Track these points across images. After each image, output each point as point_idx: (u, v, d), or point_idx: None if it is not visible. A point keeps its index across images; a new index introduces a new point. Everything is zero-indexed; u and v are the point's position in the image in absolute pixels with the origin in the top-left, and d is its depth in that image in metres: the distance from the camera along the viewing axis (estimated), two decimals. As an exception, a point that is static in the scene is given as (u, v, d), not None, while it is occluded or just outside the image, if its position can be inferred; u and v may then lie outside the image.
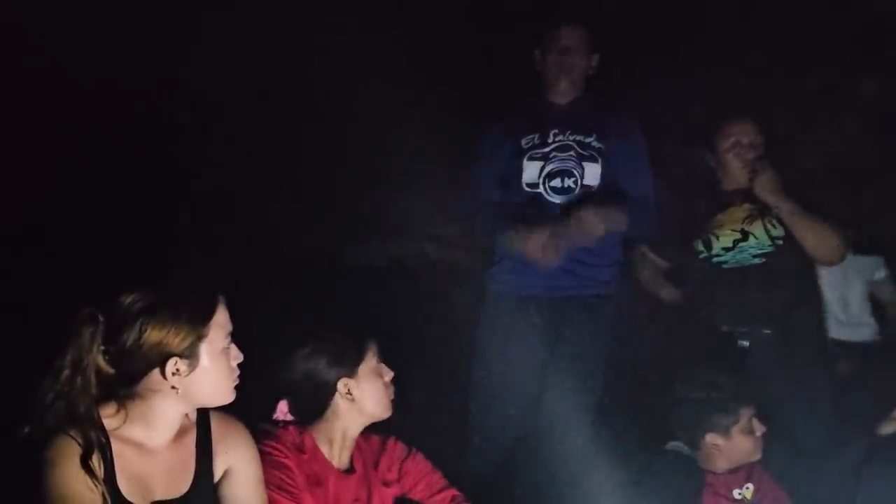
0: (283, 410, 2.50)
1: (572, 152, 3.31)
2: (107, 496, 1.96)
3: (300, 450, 2.41)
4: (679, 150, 3.75)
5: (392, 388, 2.52)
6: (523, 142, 3.34)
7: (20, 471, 1.94)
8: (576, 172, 3.29)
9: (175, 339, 1.98)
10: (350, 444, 2.49)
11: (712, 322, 3.33)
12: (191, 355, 2.00)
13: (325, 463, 2.44)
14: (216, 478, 2.15)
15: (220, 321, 2.04)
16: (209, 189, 3.63)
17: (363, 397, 2.45)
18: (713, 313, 3.33)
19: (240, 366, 2.10)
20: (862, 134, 4.08)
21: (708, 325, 3.34)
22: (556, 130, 3.34)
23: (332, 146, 3.87)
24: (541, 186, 3.31)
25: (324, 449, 2.45)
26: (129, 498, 2.00)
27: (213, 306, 2.03)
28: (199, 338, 2.00)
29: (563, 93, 3.39)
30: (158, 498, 2.05)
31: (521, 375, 3.27)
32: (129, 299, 1.97)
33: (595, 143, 3.33)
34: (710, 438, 2.84)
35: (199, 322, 2.00)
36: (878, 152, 4.03)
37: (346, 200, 3.86)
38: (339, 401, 2.45)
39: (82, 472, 1.92)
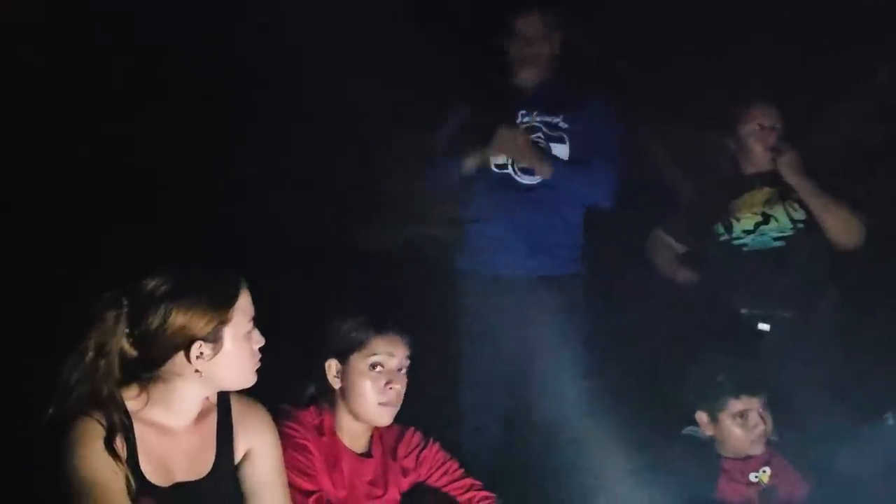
0: None
1: (540, 133, 3.34)
2: (129, 478, 1.97)
3: (319, 431, 2.43)
4: (699, 134, 3.75)
5: None
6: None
7: (44, 453, 1.95)
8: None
9: (199, 322, 1.99)
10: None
11: (731, 305, 3.34)
12: (214, 339, 2.01)
13: (341, 444, 2.46)
14: (237, 460, 2.16)
15: (243, 305, 2.05)
16: (225, 176, 3.65)
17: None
18: (732, 296, 3.34)
19: (260, 349, 2.11)
20: (877, 118, 4.07)
21: (727, 308, 3.34)
22: (524, 111, 3.36)
23: (349, 130, 3.87)
24: (510, 167, 3.34)
25: (343, 431, 2.47)
26: (150, 479, 2.01)
27: (236, 291, 2.04)
28: (223, 322, 2.01)
29: (529, 77, 3.40)
30: (180, 479, 2.06)
31: (503, 354, 3.31)
32: (153, 283, 1.99)
33: (562, 124, 3.36)
34: (699, 417, 2.86)
35: (222, 306, 2.01)
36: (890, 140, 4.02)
37: (363, 185, 3.87)
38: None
39: (105, 454, 1.94)
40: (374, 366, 2.45)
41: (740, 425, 2.82)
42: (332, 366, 2.47)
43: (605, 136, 3.40)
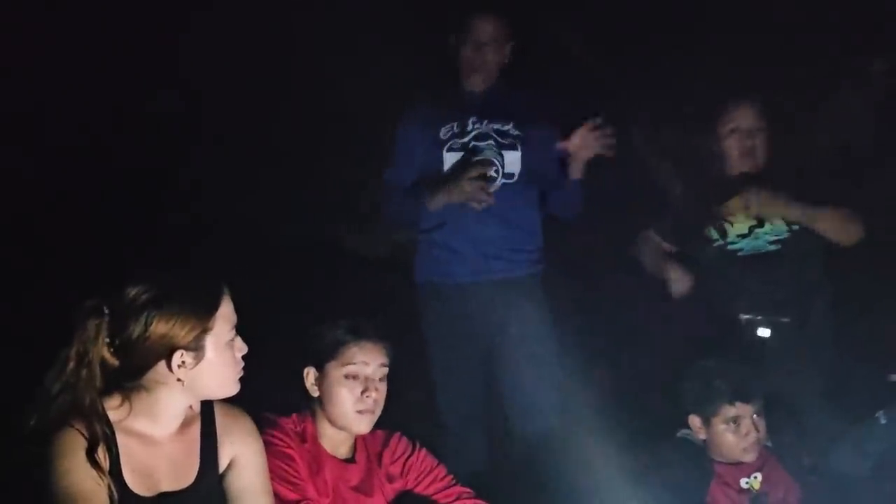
0: None
1: (492, 140, 3.32)
2: (112, 489, 1.95)
3: (302, 438, 2.41)
4: (686, 135, 3.73)
5: None
6: (442, 132, 3.33)
7: (26, 464, 1.93)
8: (496, 161, 3.29)
9: (181, 331, 1.97)
10: None
11: (729, 311, 3.32)
12: (196, 348, 1.99)
13: (323, 451, 2.44)
14: (221, 468, 2.14)
15: (226, 313, 2.03)
16: (210, 179, 3.63)
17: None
18: (730, 302, 3.31)
19: (243, 357, 2.09)
20: (867, 117, 4.07)
21: (724, 315, 3.32)
22: (474, 119, 3.34)
23: (335, 133, 3.86)
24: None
25: (325, 437, 2.45)
26: (134, 490, 1.99)
27: (218, 298, 2.02)
28: (205, 330, 1.99)
29: (479, 82, 3.37)
30: (164, 489, 2.04)
31: (472, 361, 3.31)
32: (134, 291, 1.96)
33: (513, 131, 3.33)
34: (692, 420, 2.85)
35: (204, 314, 1.99)
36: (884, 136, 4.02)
37: (349, 189, 3.86)
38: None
39: (87, 464, 1.92)
40: (349, 374, 2.43)
41: (733, 431, 2.81)
42: (309, 373, 2.46)
43: (556, 141, 3.36)
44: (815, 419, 3.16)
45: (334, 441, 2.47)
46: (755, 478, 2.86)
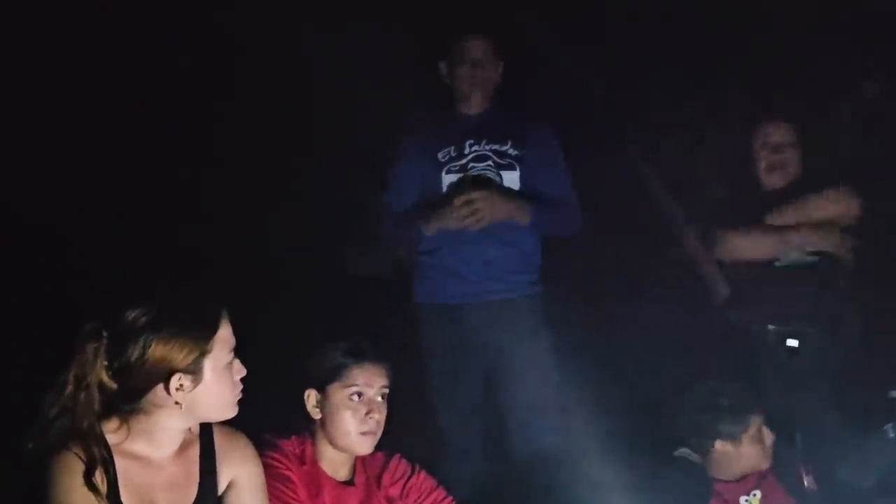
0: None
1: (490, 161, 3.33)
2: (110, 512, 1.95)
3: (301, 460, 2.41)
4: (726, 149, 3.73)
5: None
6: (440, 155, 3.34)
7: (23, 487, 1.93)
8: (493, 182, 3.30)
9: (179, 354, 1.97)
10: None
11: (758, 321, 3.31)
12: (194, 371, 1.99)
13: (323, 473, 2.44)
14: (220, 490, 2.13)
15: (224, 336, 2.03)
16: (213, 200, 3.64)
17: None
18: (759, 312, 3.31)
19: (243, 379, 2.09)
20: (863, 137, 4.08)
21: (753, 325, 3.32)
22: (472, 141, 3.35)
23: (338, 154, 3.87)
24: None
25: (324, 459, 2.45)
26: (133, 512, 1.99)
27: (216, 322, 2.02)
28: (203, 353, 1.99)
29: (474, 105, 3.39)
30: (162, 512, 2.04)
31: (472, 382, 3.31)
32: (133, 314, 1.96)
33: (511, 151, 3.35)
34: (719, 446, 2.83)
35: (202, 338, 1.99)
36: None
37: (352, 209, 3.87)
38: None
39: (85, 488, 1.91)
40: (353, 396, 2.42)
41: (759, 441, 2.81)
42: (310, 396, 2.45)
43: (554, 160, 3.41)
44: (825, 432, 3.16)
45: (334, 463, 2.46)
46: (754, 495, 2.86)
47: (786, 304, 3.27)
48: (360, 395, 2.43)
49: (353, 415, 2.42)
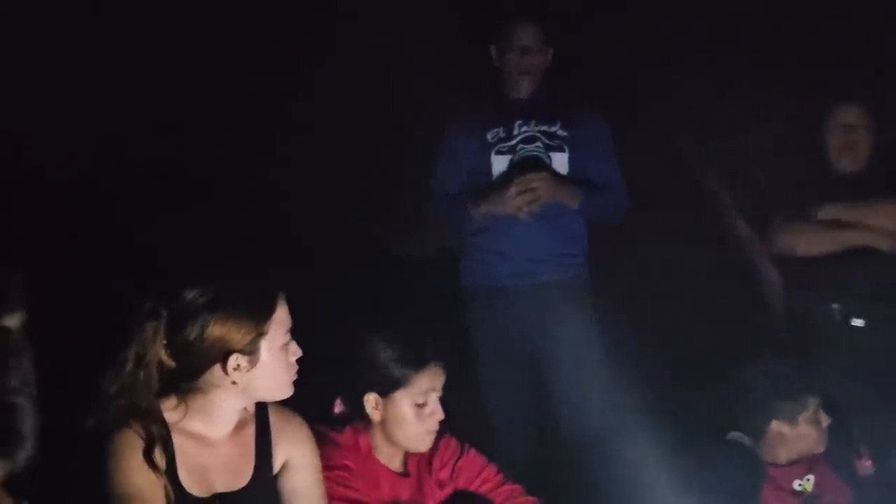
0: (339, 406, 2.49)
1: (539, 143, 3.32)
2: (169, 489, 1.98)
3: (357, 452, 2.40)
4: (796, 132, 3.69)
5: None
6: (489, 136, 3.34)
7: (85, 464, 1.97)
8: (544, 163, 3.28)
9: (237, 335, 1.99)
10: None
11: (822, 300, 3.27)
12: (251, 351, 2.01)
13: (380, 464, 2.44)
14: (275, 470, 2.16)
15: (280, 318, 2.05)
16: (261, 186, 3.67)
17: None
18: (822, 290, 3.27)
19: (298, 361, 2.11)
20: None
21: (816, 304, 3.29)
22: (521, 122, 3.35)
23: (380, 138, 3.88)
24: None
25: (379, 451, 2.45)
26: (190, 490, 2.02)
27: (273, 303, 2.04)
28: (260, 334, 2.01)
29: (523, 89, 3.39)
30: (219, 490, 2.06)
31: (519, 363, 3.31)
32: (191, 295, 1.99)
33: (560, 132, 3.34)
34: (776, 426, 2.81)
35: (260, 319, 2.01)
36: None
37: (397, 191, 3.87)
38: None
39: (145, 465, 1.95)
40: (418, 401, 2.40)
41: (816, 422, 2.80)
42: (370, 399, 2.41)
43: (602, 144, 3.40)
44: (885, 415, 3.13)
45: (389, 455, 2.45)
46: (808, 480, 2.84)
47: (851, 283, 3.23)
48: (426, 399, 2.41)
49: (419, 418, 2.40)
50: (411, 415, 2.41)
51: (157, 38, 3.56)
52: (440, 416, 2.43)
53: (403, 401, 2.40)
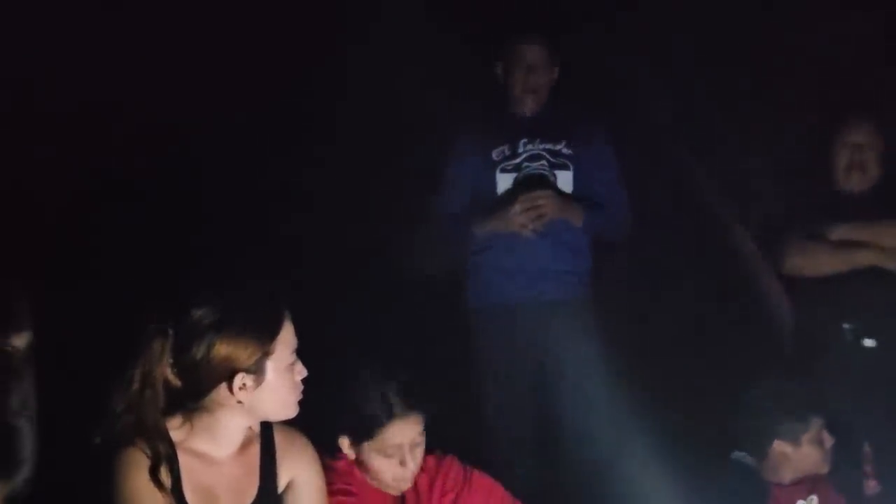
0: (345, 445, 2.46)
1: (544, 161, 3.34)
2: (174, 507, 1.99)
3: (353, 478, 2.40)
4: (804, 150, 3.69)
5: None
6: (494, 154, 3.36)
7: (90, 481, 1.98)
8: (549, 180, 3.28)
9: (242, 354, 2.00)
10: None
11: (832, 319, 3.27)
12: (257, 371, 2.02)
13: (376, 491, 2.43)
14: (280, 489, 2.16)
15: (286, 338, 2.05)
16: (272, 203, 3.68)
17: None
18: (834, 310, 3.27)
19: (303, 381, 2.11)
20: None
21: (826, 323, 3.29)
22: (526, 140, 3.36)
23: (391, 156, 3.89)
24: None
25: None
26: (195, 509, 2.03)
27: (279, 323, 2.05)
28: (266, 354, 2.02)
29: (528, 107, 3.40)
30: (224, 509, 2.07)
31: (523, 384, 3.32)
32: (198, 313, 2.00)
33: (565, 150, 3.37)
34: (779, 446, 2.81)
35: (266, 338, 2.02)
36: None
37: (401, 208, 3.89)
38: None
39: (150, 483, 1.96)
40: (387, 451, 2.36)
41: (819, 442, 2.79)
42: (344, 442, 2.41)
43: (607, 162, 3.42)
44: (892, 436, 3.12)
45: (383, 484, 2.43)
46: (811, 500, 2.83)
47: (862, 303, 3.23)
48: (395, 449, 2.36)
49: (388, 466, 2.37)
50: (382, 462, 2.37)
51: (160, 47, 3.58)
52: (413, 465, 2.37)
53: (371, 450, 2.37)
